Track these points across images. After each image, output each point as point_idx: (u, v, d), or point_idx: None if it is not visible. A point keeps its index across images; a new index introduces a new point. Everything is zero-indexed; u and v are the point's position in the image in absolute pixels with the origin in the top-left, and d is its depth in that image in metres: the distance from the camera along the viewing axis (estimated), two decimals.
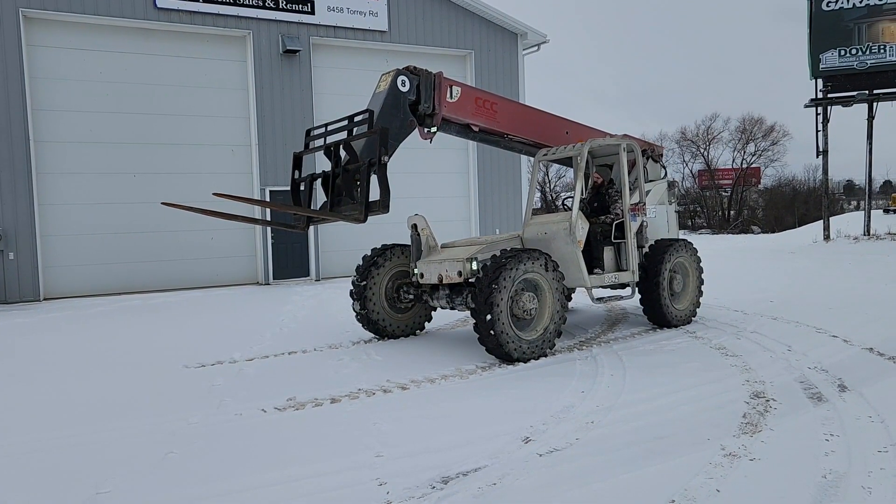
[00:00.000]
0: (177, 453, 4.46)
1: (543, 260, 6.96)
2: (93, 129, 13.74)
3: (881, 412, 4.82)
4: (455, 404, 5.44)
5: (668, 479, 3.81)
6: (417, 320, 8.47)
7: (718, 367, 6.35)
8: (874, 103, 19.91)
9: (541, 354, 6.91)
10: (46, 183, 13.36)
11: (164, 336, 8.90)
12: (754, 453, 4.14)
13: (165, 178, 14.27)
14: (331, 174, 6.88)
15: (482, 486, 3.80)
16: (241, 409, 5.44)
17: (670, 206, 9.47)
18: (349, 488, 3.83)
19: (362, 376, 6.37)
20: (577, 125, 8.89)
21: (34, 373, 7.01)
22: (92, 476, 4.10)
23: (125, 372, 6.87)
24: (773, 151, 47.97)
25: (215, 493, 3.82)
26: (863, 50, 19.58)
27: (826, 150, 20.43)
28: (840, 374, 5.94)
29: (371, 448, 4.44)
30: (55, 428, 5.08)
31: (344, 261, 15.67)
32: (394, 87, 7.06)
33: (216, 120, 14.89)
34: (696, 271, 8.77)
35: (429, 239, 8.07)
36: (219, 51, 14.87)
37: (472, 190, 17.67)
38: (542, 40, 18.36)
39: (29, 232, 13.04)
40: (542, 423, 4.85)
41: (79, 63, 13.61)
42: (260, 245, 15.18)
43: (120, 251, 13.97)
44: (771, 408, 5.04)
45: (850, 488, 3.61)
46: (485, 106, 7.88)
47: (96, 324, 10.17)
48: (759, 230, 39.22)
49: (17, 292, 12.96)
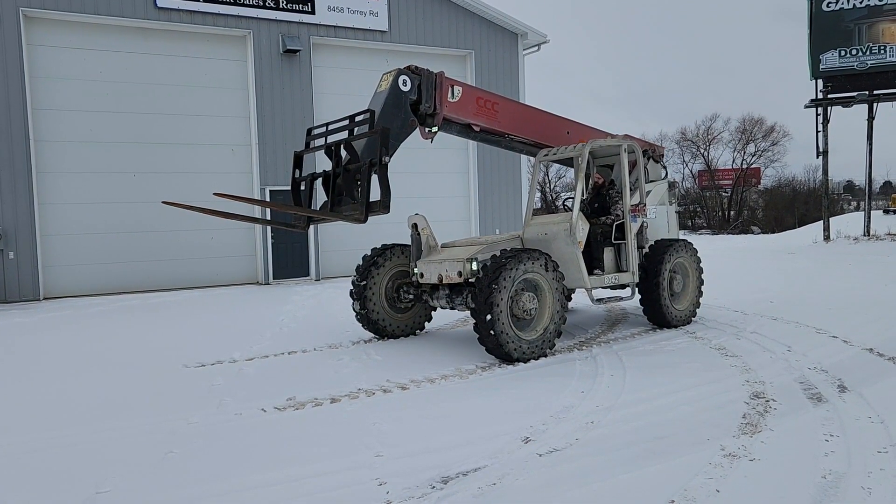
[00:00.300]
0: (176, 453, 4.46)
1: (543, 260, 6.96)
2: (93, 128, 13.75)
3: (881, 413, 4.82)
4: (455, 404, 5.44)
5: (667, 479, 3.81)
6: (417, 320, 8.47)
7: (718, 368, 6.35)
8: (874, 104, 19.92)
9: (541, 354, 6.91)
10: (46, 182, 13.36)
11: (164, 336, 8.90)
12: (754, 454, 4.14)
13: (165, 178, 14.28)
14: (331, 174, 6.88)
15: (482, 486, 3.80)
16: (240, 408, 5.44)
17: (671, 207, 9.47)
18: (349, 488, 3.82)
19: (362, 376, 6.36)
20: (579, 125, 8.89)
21: (33, 372, 7.01)
22: (92, 475, 4.10)
23: (125, 371, 6.87)
24: (773, 152, 48.03)
25: (215, 493, 3.82)
26: (863, 50, 19.59)
27: (826, 151, 20.44)
28: (840, 374, 5.93)
29: (371, 448, 4.44)
30: (55, 427, 5.07)
31: (344, 260, 15.67)
32: (395, 86, 7.05)
33: (216, 120, 14.89)
34: (696, 271, 8.77)
35: (429, 238, 8.07)
36: (219, 50, 14.87)
37: (472, 190, 17.67)
38: (543, 40, 18.37)
39: (29, 231, 13.04)
40: (541, 423, 4.84)
41: (79, 62, 13.61)
42: (260, 245, 15.18)
43: (120, 251, 13.97)
44: (771, 408, 5.04)
45: (849, 489, 3.61)
46: (486, 106, 7.87)
47: (96, 323, 10.16)
48: (759, 231, 39.23)
49: (16, 292, 12.96)
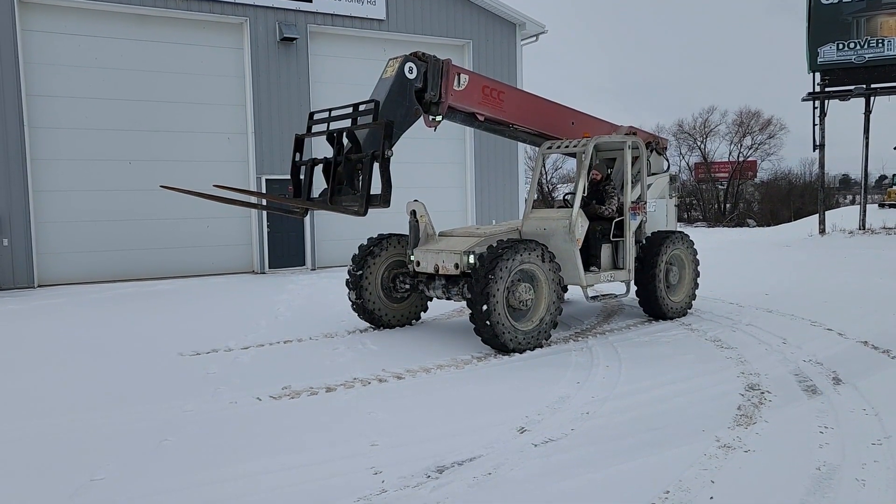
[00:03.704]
0: (171, 441, 4.45)
1: (540, 251, 6.94)
2: (88, 115, 13.64)
3: (875, 405, 4.84)
4: (450, 394, 5.44)
5: (662, 469, 3.82)
6: (413, 310, 8.46)
7: (714, 360, 6.37)
8: (871, 98, 19.89)
9: (536, 345, 6.91)
10: (41, 169, 13.26)
11: (159, 324, 8.87)
12: (749, 445, 4.16)
13: (161, 166, 14.19)
14: (332, 161, 6.83)
15: (477, 476, 3.80)
16: (235, 397, 5.43)
17: (670, 200, 9.43)
18: (344, 476, 3.83)
19: (358, 365, 6.36)
20: (583, 115, 8.79)
21: (28, 360, 6.99)
22: (86, 463, 4.09)
23: (119, 359, 6.85)
24: (769, 145, 47.95)
25: (209, 481, 3.82)
26: (861, 44, 19.54)
27: (823, 145, 20.42)
28: (835, 366, 5.96)
29: (366, 437, 4.44)
30: (49, 415, 5.06)
31: (340, 250, 15.62)
32: (401, 73, 6.93)
33: (212, 107, 14.79)
34: (692, 263, 8.77)
35: (427, 226, 8.04)
36: (215, 38, 14.74)
37: (468, 180, 17.63)
38: (541, 30, 18.27)
39: (23, 218, 12.96)
40: (537, 414, 4.85)
41: (74, 48, 13.49)
42: (256, 234, 15.12)
43: (115, 238, 13.90)
44: (766, 400, 5.06)
45: (843, 480, 3.63)
46: (491, 95, 7.79)
47: (91, 311, 10.13)
48: (755, 223, 39.27)
49: (11, 279, 12.90)
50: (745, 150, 47.89)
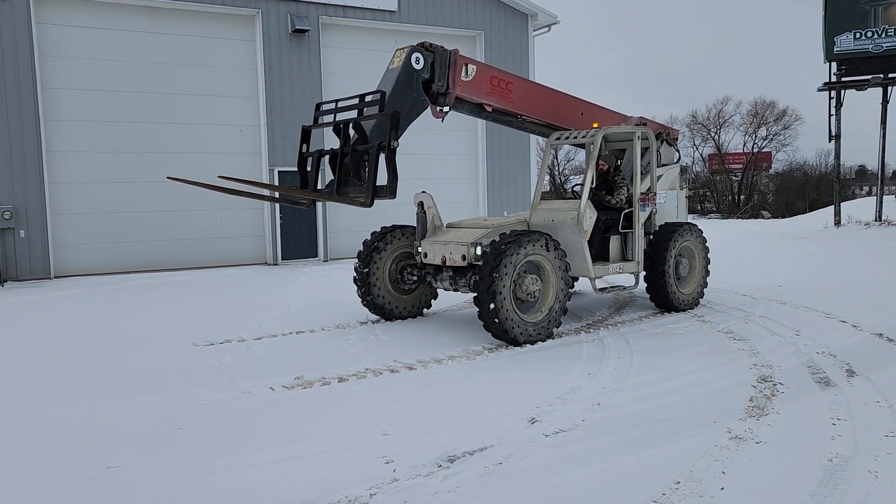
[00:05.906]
0: (186, 429, 4.51)
1: (544, 240, 6.88)
2: (102, 107, 13.73)
3: (889, 397, 4.82)
4: (462, 385, 5.46)
5: (673, 460, 3.82)
6: (422, 300, 8.46)
7: (726, 351, 6.34)
8: (889, 87, 19.63)
9: (547, 335, 6.91)
10: (56, 161, 13.39)
11: (173, 314, 8.96)
12: (760, 436, 4.15)
13: (174, 158, 14.27)
14: (339, 152, 6.83)
15: (488, 466, 3.82)
16: (249, 386, 5.48)
17: (681, 192, 9.36)
18: (356, 466, 3.86)
19: (369, 356, 6.40)
20: (593, 106, 8.74)
21: (44, 349, 7.09)
22: (102, 450, 4.15)
23: (135, 349, 6.93)
24: (784, 136, 47.42)
25: (223, 469, 3.87)
26: (878, 33, 19.27)
27: (839, 135, 20.19)
28: (848, 358, 5.92)
29: (378, 427, 4.48)
30: (65, 403, 5.14)
31: (352, 242, 15.64)
32: (407, 64, 6.86)
33: (225, 100, 14.84)
34: (702, 255, 8.71)
35: (434, 218, 8.02)
36: (228, 30, 14.79)
37: (480, 172, 17.59)
38: (553, 21, 18.15)
39: (39, 210, 13.10)
40: (548, 405, 4.86)
41: (88, 41, 13.57)
42: (268, 225, 15.20)
43: (129, 230, 14.02)
44: (778, 391, 5.04)
45: (856, 472, 3.62)
46: (500, 85, 7.73)
47: (107, 301, 10.24)
48: (770, 215, 38.93)
49: (28, 270, 13.05)
50: (759, 140, 47.40)
